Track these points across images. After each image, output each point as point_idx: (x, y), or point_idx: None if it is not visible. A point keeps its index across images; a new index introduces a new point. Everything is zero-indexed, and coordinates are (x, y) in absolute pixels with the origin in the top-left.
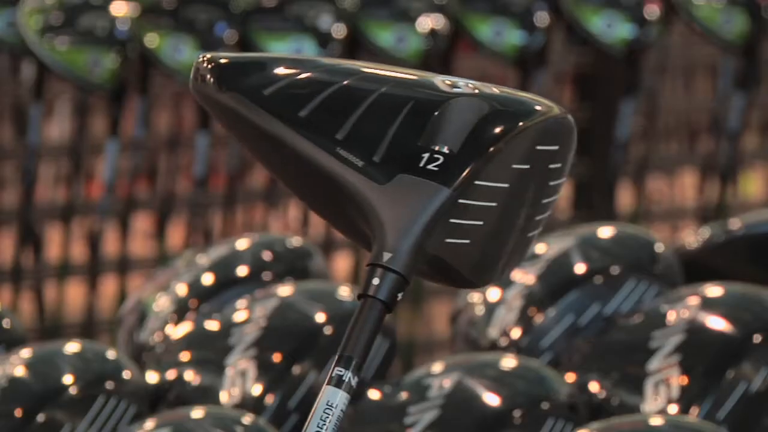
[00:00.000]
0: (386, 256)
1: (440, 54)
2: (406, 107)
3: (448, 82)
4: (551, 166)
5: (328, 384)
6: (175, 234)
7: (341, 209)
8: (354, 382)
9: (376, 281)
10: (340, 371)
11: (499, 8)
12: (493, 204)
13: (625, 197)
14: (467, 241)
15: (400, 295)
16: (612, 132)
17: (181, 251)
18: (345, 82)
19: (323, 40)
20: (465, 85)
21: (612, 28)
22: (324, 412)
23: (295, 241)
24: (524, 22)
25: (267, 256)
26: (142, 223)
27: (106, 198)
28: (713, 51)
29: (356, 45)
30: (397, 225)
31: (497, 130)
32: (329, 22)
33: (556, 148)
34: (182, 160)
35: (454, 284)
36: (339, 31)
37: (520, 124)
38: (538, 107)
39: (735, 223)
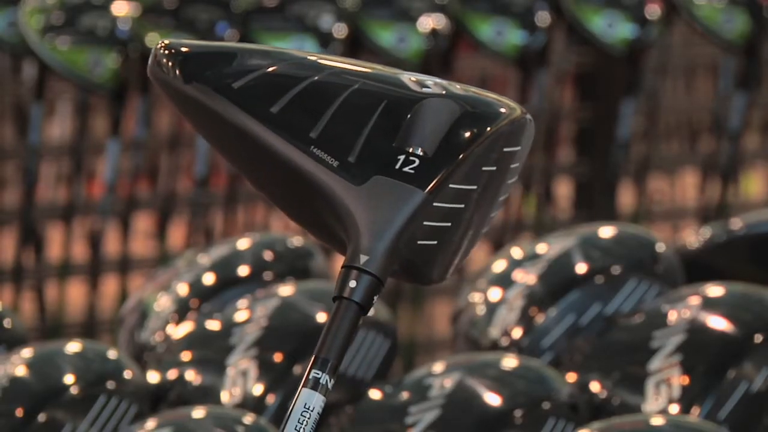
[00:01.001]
0: (362, 258)
1: (441, 54)
2: (380, 107)
3: (414, 80)
4: (512, 165)
5: (304, 386)
6: (176, 234)
7: (314, 210)
8: (330, 384)
9: (351, 283)
10: (317, 374)
11: (500, 8)
12: (462, 206)
13: (626, 197)
14: (435, 242)
15: (375, 298)
16: (613, 132)
17: (182, 251)
18: (315, 78)
19: (324, 40)
20: (433, 84)
21: (613, 28)
22: (301, 415)
23: (296, 241)
24: (525, 22)
25: (268, 255)
26: (143, 222)
27: (107, 198)
28: (714, 51)
29: (357, 45)
30: (373, 227)
31: (470, 133)
32: (330, 22)
33: (518, 148)
34: (183, 159)
35: (415, 281)
36: (340, 30)
37: (489, 128)
38: (503, 109)
39: (736, 223)
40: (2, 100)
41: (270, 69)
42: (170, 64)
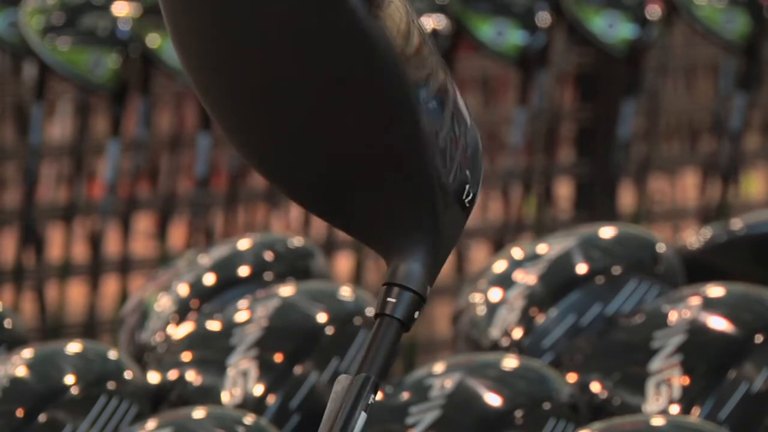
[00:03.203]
0: (403, 275)
1: (442, 54)
2: (468, 121)
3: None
4: None
5: (361, 409)
6: (177, 234)
7: (371, 208)
8: (372, 401)
9: (392, 300)
10: (374, 399)
11: (501, 8)
12: None
13: (626, 197)
14: None
15: (416, 314)
16: (613, 132)
17: (183, 251)
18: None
19: None
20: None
21: (613, 28)
22: None
23: (297, 241)
24: (526, 22)
25: (268, 256)
26: (143, 223)
27: (108, 198)
28: (715, 51)
29: None
30: (436, 253)
31: (482, 165)
32: None
33: None
34: (184, 160)
35: None
36: None
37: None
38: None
39: (736, 223)
40: (3, 101)
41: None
42: None
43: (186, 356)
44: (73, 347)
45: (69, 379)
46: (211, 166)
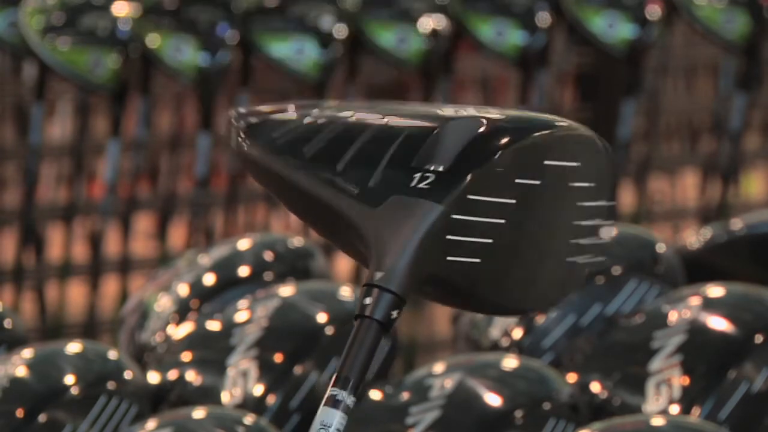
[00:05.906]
0: (380, 275)
1: (441, 54)
2: (403, 133)
3: (454, 109)
4: (572, 184)
5: (324, 405)
6: (177, 234)
7: (342, 233)
8: (350, 401)
9: (371, 301)
10: (335, 392)
11: (501, 8)
12: (501, 221)
13: (626, 197)
14: (477, 260)
15: (395, 314)
16: (613, 132)
17: (183, 251)
18: (347, 120)
19: (325, 40)
20: (471, 109)
21: (613, 28)
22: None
23: (297, 242)
24: (526, 23)
25: (268, 256)
26: (143, 223)
27: (108, 198)
28: (715, 51)
29: (357, 45)
30: (391, 245)
31: (491, 145)
32: (331, 23)
33: (574, 164)
34: (184, 160)
35: (481, 309)
36: (340, 31)
37: (514, 138)
38: (543, 123)
39: (736, 223)
40: (3, 101)
41: (306, 120)
42: (240, 134)
43: (186, 356)
44: (73, 347)
45: (69, 379)
46: (211, 166)
